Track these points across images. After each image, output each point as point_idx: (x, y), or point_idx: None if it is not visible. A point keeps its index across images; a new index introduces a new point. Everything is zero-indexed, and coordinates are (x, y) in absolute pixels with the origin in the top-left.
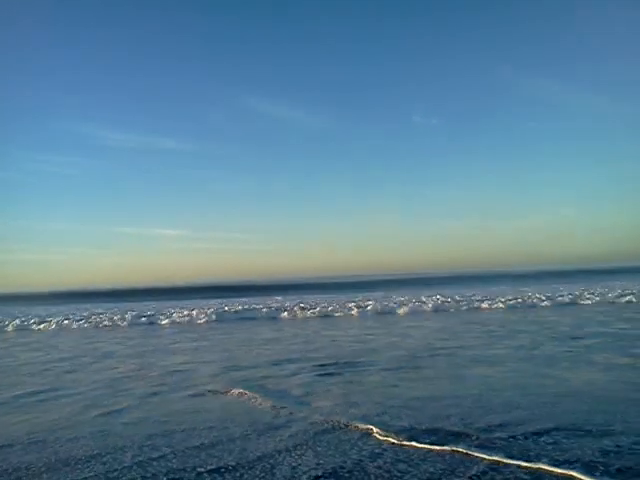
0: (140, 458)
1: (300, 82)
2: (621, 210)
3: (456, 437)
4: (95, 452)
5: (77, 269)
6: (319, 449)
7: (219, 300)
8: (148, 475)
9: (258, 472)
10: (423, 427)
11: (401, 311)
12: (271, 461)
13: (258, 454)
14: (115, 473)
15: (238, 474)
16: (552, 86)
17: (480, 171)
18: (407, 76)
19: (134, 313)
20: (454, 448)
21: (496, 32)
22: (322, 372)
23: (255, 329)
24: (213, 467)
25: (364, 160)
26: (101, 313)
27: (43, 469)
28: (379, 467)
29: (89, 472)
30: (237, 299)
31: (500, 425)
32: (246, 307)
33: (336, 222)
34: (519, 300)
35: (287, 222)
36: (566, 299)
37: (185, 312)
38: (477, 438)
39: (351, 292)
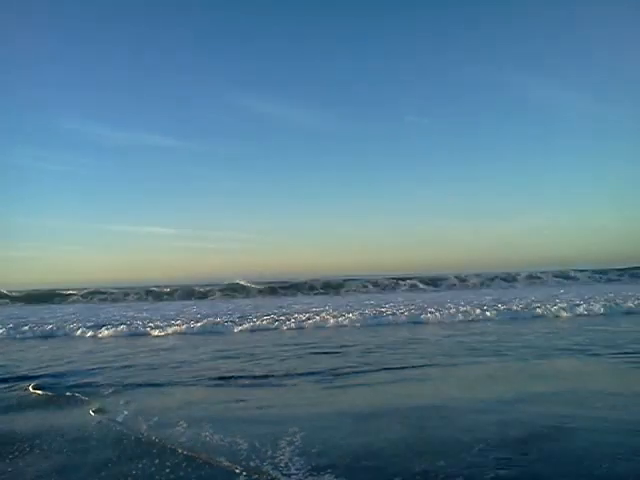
0: None
1: (291, 80)
2: (612, 212)
3: None
4: None
5: (68, 267)
6: None
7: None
8: None
9: None
10: None
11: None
12: None
13: None
14: None
15: None
16: (545, 87)
17: (471, 172)
18: (399, 74)
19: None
20: None
21: (489, 31)
22: None
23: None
24: None
25: (356, 158)
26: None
27: None
28: None
29: None
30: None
31: None
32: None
33: (328, 221)
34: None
35: (278, 221)
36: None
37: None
38: None
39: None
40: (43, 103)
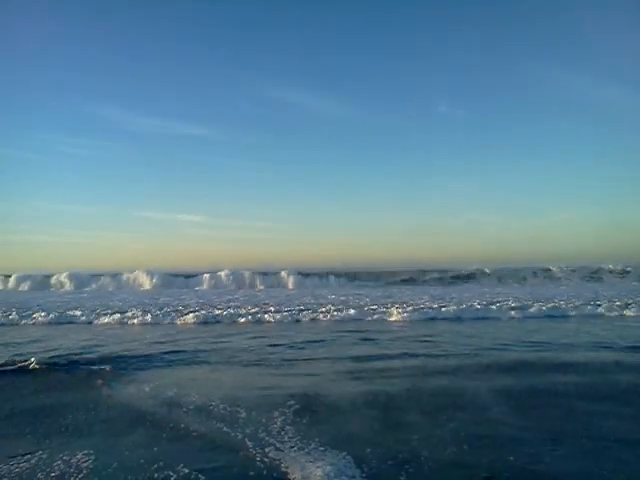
0: None
1: (324, 71)
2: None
3: None
4: None
5: (98, 252)
6: None
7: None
8: None
9: None
10: None
11: None
12: None
13: None
14: None
15: None
16: (582, 84)
17: (501, 166)
18: (433, 67)
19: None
20: None
21: (528, 25)
22: None
23: None
24: None
25: (386, 151)
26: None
27: None
28: None
29: None
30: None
31: None
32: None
33: (354, 213)
34: None
35: (306, 212)
36: None
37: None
38: None
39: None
40: (74, 89)
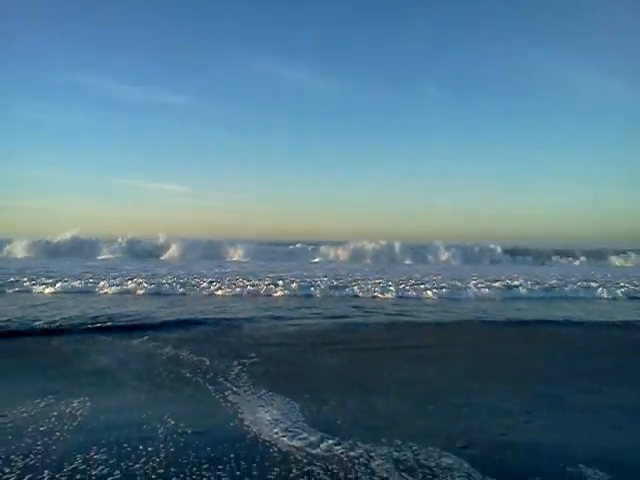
0: None
1: (310, 45)
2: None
3: None
4: None
5: (70, 219)
6: None
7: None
8: None
9: None
10: None
11: None
12: None
13: None
14: None
15: None
16: (572, 69)
17: (487, 147)
18: (422, 47)
19: None
20: None
21: (518, 11)
22: None
23: None
24: None
25: (370, 130)
26: None
27: None
28: None
29: None
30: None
31: None
32: None
33: (335, 190)
34: None
35: (285, 186)
36: None
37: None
38: None
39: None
40: (58, 58)
